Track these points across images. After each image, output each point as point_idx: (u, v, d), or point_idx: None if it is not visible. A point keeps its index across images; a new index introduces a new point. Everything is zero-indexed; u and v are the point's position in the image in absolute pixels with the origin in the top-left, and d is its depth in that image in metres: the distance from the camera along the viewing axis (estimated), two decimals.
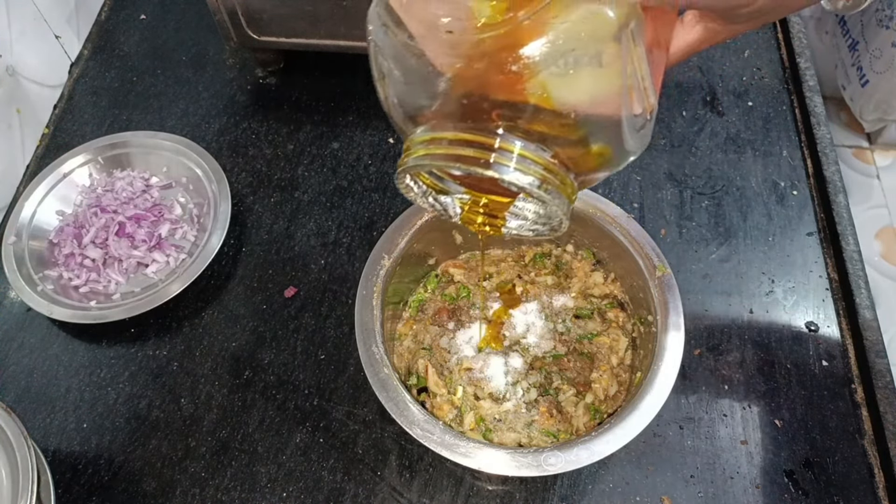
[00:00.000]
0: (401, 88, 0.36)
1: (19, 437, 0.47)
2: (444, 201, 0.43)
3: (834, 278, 0.65)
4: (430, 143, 0.35)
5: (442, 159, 0.34)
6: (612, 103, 0.33)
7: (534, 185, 0.34)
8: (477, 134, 0.33)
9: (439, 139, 0.34)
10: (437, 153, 0.34)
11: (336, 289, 0.65)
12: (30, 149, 0.75)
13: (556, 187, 0.34)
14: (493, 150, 0.33)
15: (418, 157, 0.35)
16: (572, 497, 0.55)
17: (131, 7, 0.87)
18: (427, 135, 0.35)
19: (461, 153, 0.33)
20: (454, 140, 0.34)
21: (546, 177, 0.34)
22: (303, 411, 0.59)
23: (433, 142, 0.34)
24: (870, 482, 0.55)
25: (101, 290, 0.64)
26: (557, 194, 0.35)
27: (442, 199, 0.43)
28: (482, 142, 0.33)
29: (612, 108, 0.33)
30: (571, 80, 0.32)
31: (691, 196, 0.70)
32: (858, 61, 1.24)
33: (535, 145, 0.34)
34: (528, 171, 0.33)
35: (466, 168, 0.33)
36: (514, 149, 0.33)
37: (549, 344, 0.57)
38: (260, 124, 0.76)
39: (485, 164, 0.33)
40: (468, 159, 0.33)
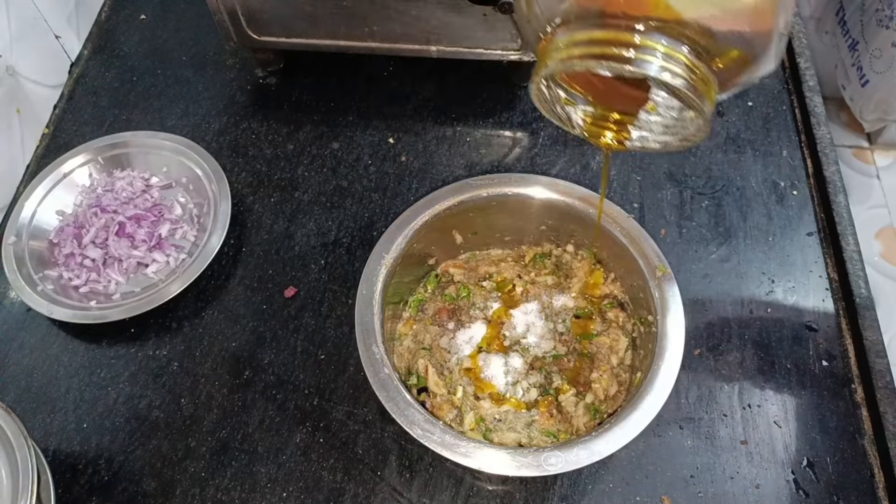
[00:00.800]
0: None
1: (19, 437, 0.47)
2: (569, 112, 0.42)
3: (834, 278, 0.65)
4: (571, 45, 0.33)
5: (586, 59, 0.33)
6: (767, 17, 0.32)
7: (682, 85, 0.32)
8: (620, 32, 0.32)
9: (579, 41, 0.33)
10: (580, 54, 0.33)
11: (336, 289, 0.65)
12: (30, 149, 0.75)
13: (702, 89, 0.33)
14: (636, 47, 0.32)
15: (559, 58, 0.34)
16: (572, 497, 0.55)
17: (131, 7, 0.87)
18: (566, 37, 0.34)
19: (605, 52, 0.32)
20: (595, 40, 0.33)
21: (693, 77, 0.33)
22: (303, 411, 0.59)
23: (575, 44, 0.33)
24: (870, 482, 0.55)
25: (101, 290, 0.64)
26: (702, 96, 0.33)
27: (568, 110, 0.42)
28: (625, 39, 0.32)
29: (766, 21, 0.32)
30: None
31: (691, 196, 0.70)
32: (858, 61, 1.24)
33: (680, 43, 0.32)
34: (676, 70, 0.32)
35: (611, 66, 0.32)
36: (659, 45, 0.32)
37: (549, 344, 0.57)
38: (260, 124, 0.76)
39: (628, 60, 0.32)
40: (612, 56, 0.32)
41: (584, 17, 0.34)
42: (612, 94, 0.40)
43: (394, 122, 0.76)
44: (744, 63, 0.34)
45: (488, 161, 0.73)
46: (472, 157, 0.73)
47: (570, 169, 0.72)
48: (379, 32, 0.69)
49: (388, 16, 0.67)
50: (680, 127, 0.39)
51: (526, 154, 0.73)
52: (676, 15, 0.32)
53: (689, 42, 0.33)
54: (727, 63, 0.34)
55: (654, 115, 0.40)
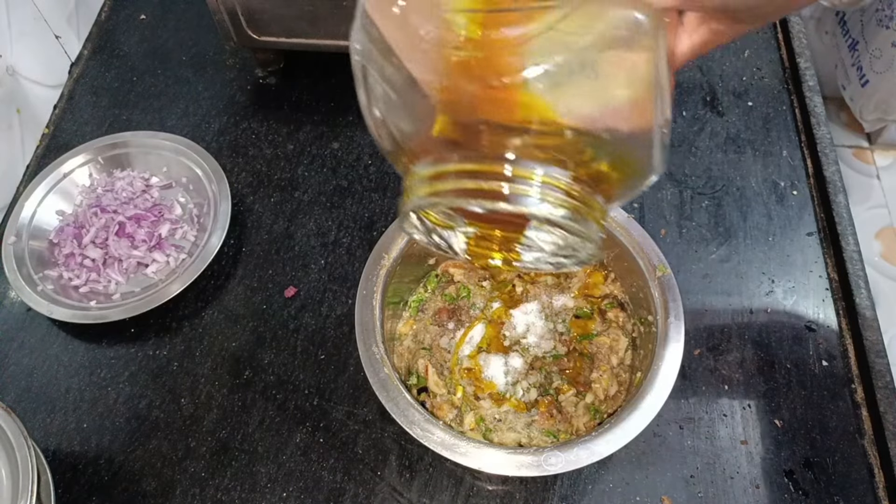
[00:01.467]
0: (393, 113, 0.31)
1: (19, 437, 0.47)
2: (448, 237, 0.39)
3: (834, 278, 0.65)
4: (435, 179, 0.30)
5: (452, 195, 0.29)
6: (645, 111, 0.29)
7: (565, 217, 0.29)
8: (486, 163, 0.28)
9: (445, 173, 0.29)
10: (445, 189, 0.29)
11: (336, 289, 0.65)
12: (30, 149, 0.75)
13: (587, 214, 0.30)
14: (509, 180, 0.28)
15: (424, 195, 0.30)
16: (572, 497, 0.55)
17: (131, 7, 0.87)
18: (430, 169, 0.30)
19: (473, 187, 0.28)
20: (462, 172, 0.29)
21: (575, 205, 0.29)
22: (303, 411, 0.59)
23: (439, 177, 0.29)
24: (870, 482, 0.55)
25: (101, 290, 0.64)
26: (587, 222, 0.30)
27: (446, 235, 0.38)
28: (494, 172, 0.28)
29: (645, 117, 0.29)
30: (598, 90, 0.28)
31: (691, 196, 0.70)
32: (858, 61, 1.24)
33: (556, 168, 0.29)
34: (556, 201, 0.28)
35: (482, 204, 0.28)
36: (535, 176, 0.28)
37: (549, 344, 0.57)
38: (260, 124, 0.76)
39: (502, 196, 0.28)
40: (482, 193, 0.28)
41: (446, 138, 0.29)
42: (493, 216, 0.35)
43: None
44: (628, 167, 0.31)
45: None
46: None
47: None
48: None
49: None
50: (570, 248, 0.36)
51: None
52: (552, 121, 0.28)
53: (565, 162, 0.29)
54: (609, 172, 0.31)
55: (542, 233, 0.36)
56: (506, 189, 0.28)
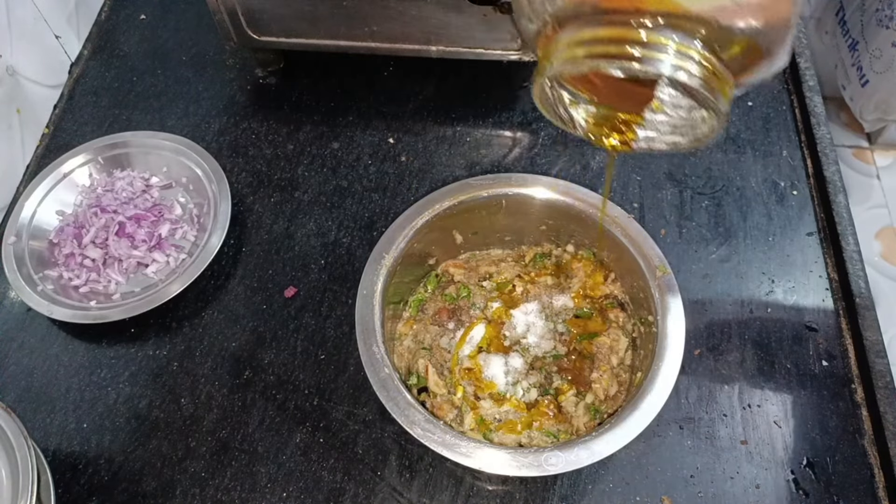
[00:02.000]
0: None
1: (19, 437, 0.47)
2: (572, 113, 0.40)
3: (834, 278, 0.65)
4: (575, 45, 0.31)
5: (592, 58, 0.31)
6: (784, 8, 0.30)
7: (698, 84, 0.30)
8: (627, 28, 0.30)
9: (584, 39, 0.31)
10: (583, 54, 0.31)
11: (336, 289, 0.65)
12: (30, 149, 0.75)
13: (717, 86, 0.31)
14: (645, 45, 0.30)
15: (564, 58, 0.32)
16: (572, 497, 0.55)
17: (131, 7, 0.87)
18: (569, 36, 0.32)
19: (613, 51, 0.30)
20: (604, 38, 0.31)
21: (708, 76, 0.31)
22: (303, 411, 0.59)
23: (577, 41, 0.31)
24: (870, 482, 0.55)
25: (101, 290, 0.64)
26: (717, 93, 0.31)
27: (570, 111, 0.40)
28: (633, 37, 0.30)
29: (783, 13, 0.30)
30: None
31: (691, 196, 0.70)
32: (858, 61, 1.24)
33: (691, 38, 0.30)
34: (690, 68, 0.30)
35: (621, 65, 0.30)
36: (671, 42, 0.30)
37: (549, 344, 0.57)
38: (260, 124, 0.76)
39: (638, 59, 0.30)
40: (619, 55, 0.30)
41: (587, 12, 0.32)
42: (616, 93, 0.38)
43: (394, 122, 0.76)
44: (757, 57, 0.33)
45: (488, 161, 0.73)
46: (472, 157, 0.73)
47: (570, 169, 0.72)
48: (379, 32, 0.69)
49: (389, 16, 0.67)
50: (689, 126, 0.38)
51: (526, 154, 0.73)
52: (684, 9, 0.30)
53: (700, 37, 0.31)
54: (740, 57, 0.32)
55: (661, 115, 0.38)
56: (641, 53, 0.30)
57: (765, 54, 0.32)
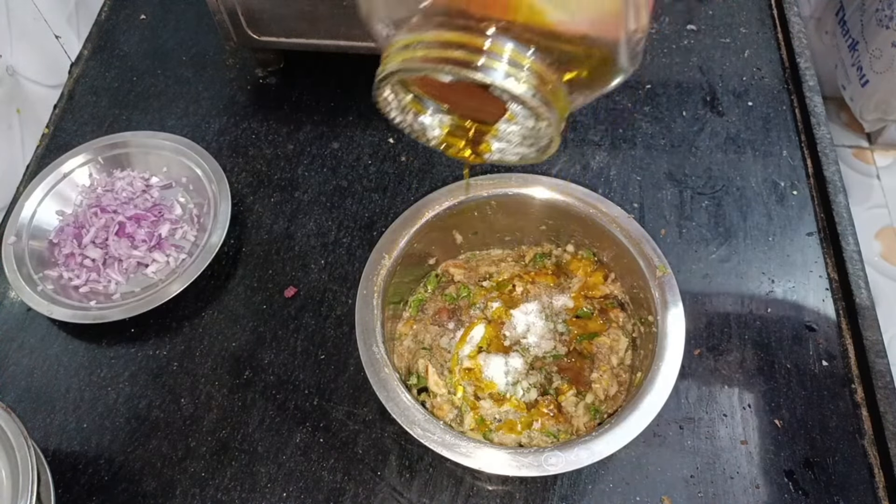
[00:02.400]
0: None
1: (19, 437, 0.47)
2: (423, 122, 0.40)
3: (834, 278, 0.65)
4: (411, 47, 0.31)
5: (425, 62, 0.31)
6: (612, 21, 0.31)
7: (527, 93, 0.30)
8: (463, 34, 0.30)
9: (421, 41, 0.31)
10: (417, 55, 0.31)
11: (336, 289, 0.65)
12: (30, 149, 0.75)
13: (550, 97, 0.31)
14: (481, 52, 0.30)
15: (398, 61, 0.32)
16: (572, 497, 0.55)
17: (131, 7, 0.87)
18: (408, 37, 0.32)
19: (446, 55, 0.30)
20: (439, 42, 0.31)
21: (540, 84, 0.31)
22: (303, 411, 0.59)
23: (415, 45, 0.31)
24: (870, 482, 0.55)
25: (101, 290, 0.64)
26: (550, 105, 0.32)
27: (420, 120, 0.40)
28: (469, 42, 0.30)
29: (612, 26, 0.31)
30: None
31: (691, 196, 0.70)
32: (858, 61, 1.24)
33: (528, 48, 0.30)
34: (521, 76, 0.30)
35: (451, 70, 0.30)
36: (505, 50, 0.30)
37: (549, 344, 0.57)
38: (260, 124, 0.76)
39: (472, 65, 0.30)
40: (454, 61, 0.30)
41: (429, 15, 0.31)
42: (468, 101, 0.37)
43: None
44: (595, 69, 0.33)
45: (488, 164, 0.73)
46: None
47: (570, 169, 0.72)
48: None
49: None
50: (535, 137, 0.37)
51: None
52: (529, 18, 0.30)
53: (537, 46, 0.31)
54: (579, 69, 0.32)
55: (513, 125, 0.38)
56: (480, 60, 0.30)
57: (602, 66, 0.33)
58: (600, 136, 0.74)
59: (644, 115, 0.76)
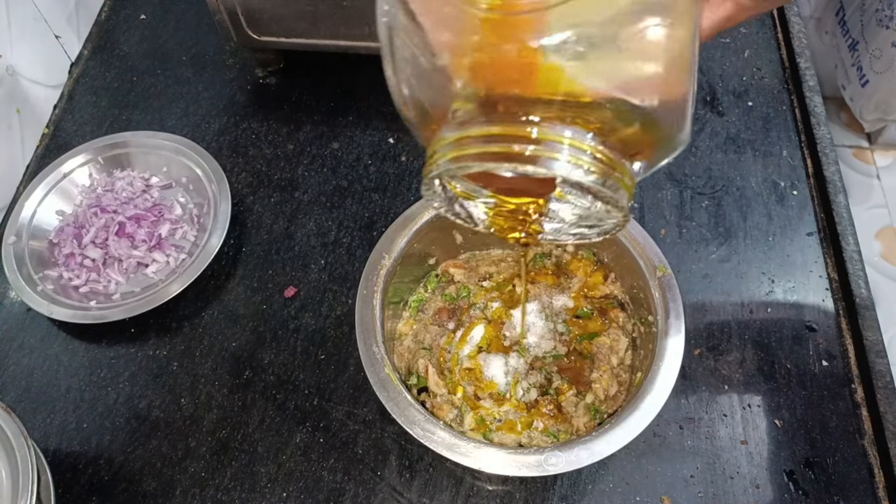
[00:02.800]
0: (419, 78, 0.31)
1: (19, 437, 0.47)
2: (468, 207, 0.38)
3: (834, 278, 0.65)
4: (460, 144, 0.29)
5: (478, 159, 0.29)
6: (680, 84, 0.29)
7: (596, 182, 0.28)
8: (513, 126, 0.28)
9: (470, 137, 0.29)
10: (471, 153, 0.29)
11: (336, 289, 0.65)
12: (30, 149, 0.75)
13: (617, 180, 0.29)
14: (536, 142, 0.28)
15: (450, 159, 0.30)
16: (572, 497, 0.55)
17: (131, 7, 0.87)
18: (455, 133, 0.30)
19: (500, 150, 0.28)
20: (487, 136, 0.29)
21: (605, 169, 0.29)
22: (303, 411, 0.59)
23: (464, 141, 0.29)
24: (870, 482, 0.55)
25: (101, 290, 0.64)
26: (617, 188, 0.29)
27: (467, 205, 0.38)
28: (520, 134, 0.28)
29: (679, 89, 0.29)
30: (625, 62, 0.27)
31: (691, 196, 0.70)
32: (858, 61, 1.24)
33: (584, 131, 0.28)
34: (586, 164, 0.28)
35: (509, 167, 0.28)
36: (564, 139, 0.28)
37: (549, 344, 0.57)
38: (260, 124, 0.76)
39: (529, 159, 0.28)
40: (509, 156, 0.28)
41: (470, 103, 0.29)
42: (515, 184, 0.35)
43: (394, 122, 0.76)
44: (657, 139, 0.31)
45: None
46: None
47: None
48: None
49: None
50: (596, 218, 0.36)
51: None
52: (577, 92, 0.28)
53: (593, 128, 0.29)
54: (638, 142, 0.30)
55: (564, 204, 0.36)
56: (531, 151, 0.28)
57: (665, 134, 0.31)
58: None
59: None
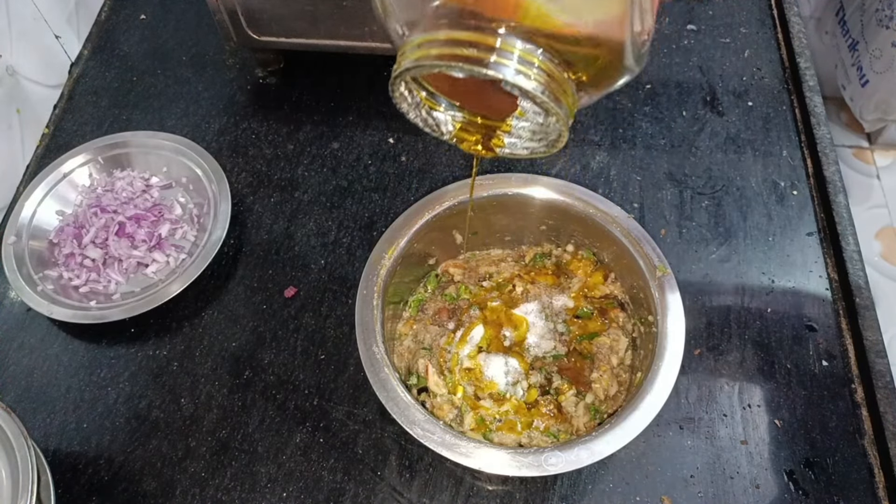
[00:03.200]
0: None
1: (19, 437, 0.47)
2: (437, 117, 0.42)
3: (834, 278, 0.65)
4: (425, 45, 0.33)
5: (438, 59, 0.32)
6: (617, 23, 0.32)
7: (537, 90, 0.32)
8: (475, 33, 0.32)
9: (435, 40, 0.33)
10: (432, 53, 0.33)
11: (336, 289, 0.65)
12: (30, 149, 0.75)
13: (558, 93, 0.33)
14: (493, 50, 0.32)
15: (413, 58, 0.33)
16: (572, 497, 0.55)
17: (131, 7, 0.87)
18: (422, 36, 0.34)
19: (458, 52, 0.32)
20: (451, 40, 0.33)
21: (549, 81, 0.33)
22: (303, 411, 0.59)
23: (428, 43, 0.33)
24: (870, 482, 0.55)
25: (101, 290, 0.64)
26: (559, 101, 0.33)
27: (435, 115, 0.42)
28: (481, 41, 0.32)
29: (617, 28, 0.33)
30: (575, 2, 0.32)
31: (691, 196, 0.70)
32: (858, 61, 1.24)
33: (536, 48, 0.32)
34: (531, 74, 0.32)
35: (464, 68, 0.32)
36: (515, 49, 0.32)
37: (549, 344, 0.57)
38: (260, 124, 0.76)
39: (484, 63, 0.32)
40: (466, 58, 0.32)
41: (441, 15, 0.33)
42: (480, 98, 0.40)
43: (394, 122, 0.76)
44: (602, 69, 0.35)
45: (488, 161, 0.73)
46: (473, 157, 0.73)
47: (570, 169, 0.72)
48: (379, 32, 0.69)
49: None
50: (544, 132, 0.40)
51: None
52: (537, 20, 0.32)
53: (545, 46, 0.33)
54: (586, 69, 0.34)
55: (524, 121, 0.40)
56: (491, 57, 0.32)
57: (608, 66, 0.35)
58: (600, 136, 0.74)
59: (644, 115, 0.76)
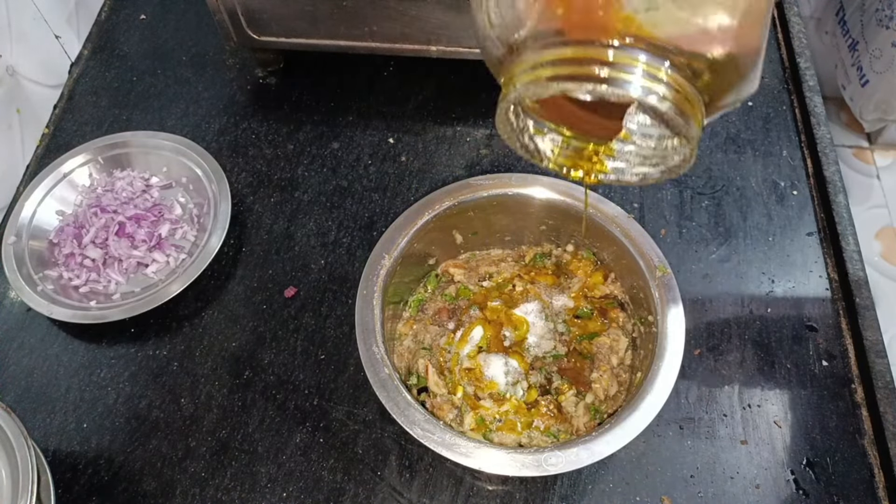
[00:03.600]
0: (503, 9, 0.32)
1: (19, 437, 0.47)
2: (539, 143, 0.39)
3: (834, 278, 0.65)
4: (539, 66, 0.30)
5: (557, 80, 0.29)
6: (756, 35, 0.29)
7: (670, 109, 0.29)
8: (589, 49, 0.29)
9: (547, 61, 0.30)
10: (546, 75, 0.29)
11: (336, 289, 0.65)
12: (30, 149, 0.75)
13: (688, 112, 0.29)
14: (611, 65, 0.28)
15: (527, 81, 0.30)
16: (572, 497, 0.55)
17: (131, 7, 0.87)
18: (532, 57, 0.30)
19: (575, 72, 0.29)
20: (567, 58, 0.29)
21: (678, 98, 0.29)
22: (303, 411, 0.59)
23: (540, 64, 0.30)
24: (870, 482, 0.55)
25: (101, 290, 0.64)
26: (688, 120, 0.30)
27: (537, 141, 0.39)
28: (596, 56, 0.28)
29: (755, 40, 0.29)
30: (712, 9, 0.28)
31: (691, 196, 0.70)
32: (858, 61, 1.24)
33: (662, 60, 0.29)
34: (658, 90, 0.28)
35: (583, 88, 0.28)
36: (639, 62, 0.28)
37: (549, 344, 0.57)
38: (260, 124, 0.76)
39: (605, 79, 0.28)
40: (584, 77, 0.28)
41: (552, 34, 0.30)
42: (584, 122, 0.37)
43: (394, 122, 0.76)
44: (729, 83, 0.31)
45: (488, 161, 0.73)
46: (472, 157, 0.73)
47: None
48: (379, 32, 0.69)
49: (388, 16, 0.67)
50: (660, 157, 0.36)
51: None
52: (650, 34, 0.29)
53: (670, 59, 0.29)
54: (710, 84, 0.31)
55: (630, 145, 0.37)
56: (606, 72, 0.28)
57: (736, 80, 0.31)
58: None
59: None
